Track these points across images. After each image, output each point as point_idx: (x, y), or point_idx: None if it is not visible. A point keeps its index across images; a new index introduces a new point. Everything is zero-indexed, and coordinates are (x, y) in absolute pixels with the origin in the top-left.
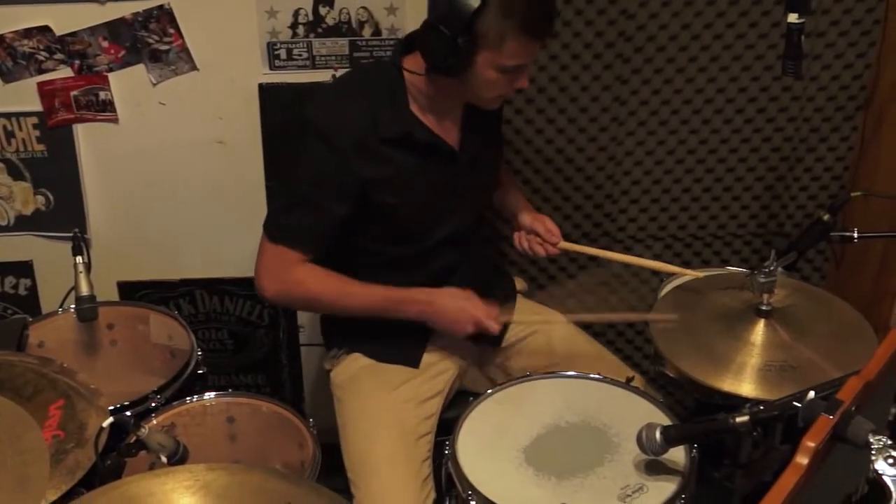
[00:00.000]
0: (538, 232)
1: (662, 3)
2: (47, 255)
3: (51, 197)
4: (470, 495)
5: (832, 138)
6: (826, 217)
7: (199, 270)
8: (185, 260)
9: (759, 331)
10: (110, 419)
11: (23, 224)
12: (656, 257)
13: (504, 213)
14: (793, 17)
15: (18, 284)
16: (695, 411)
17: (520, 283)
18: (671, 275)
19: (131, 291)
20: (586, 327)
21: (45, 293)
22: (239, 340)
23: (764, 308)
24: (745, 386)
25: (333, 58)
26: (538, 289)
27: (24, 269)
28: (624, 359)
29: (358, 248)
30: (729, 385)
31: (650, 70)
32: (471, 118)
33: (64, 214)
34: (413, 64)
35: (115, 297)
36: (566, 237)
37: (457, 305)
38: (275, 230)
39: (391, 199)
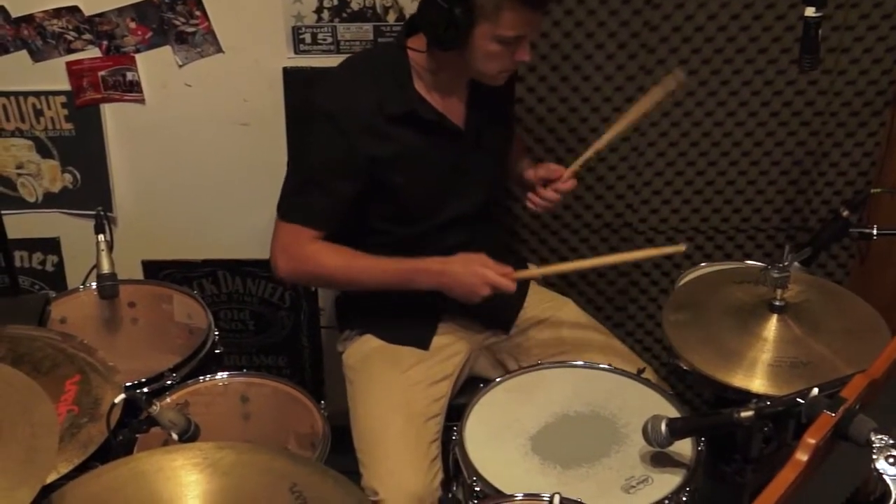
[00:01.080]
0: (541, 174)
1: None
2: (74, 232)
3: (78, 175)
4: (475, 481)
5: (859, 133)
6: (845, 213)
7: (222, 251)
8: (209, 240)
9: (772, 326)
10: (122, 396)
11: (50, 201)
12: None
13: (518, 187)
14: (810, 11)
15: (46, 261)
16: (714, 404)
17: (533, 268)
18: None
19: (155, 270)
20: (607, 317)
21: (71, 270)
22: (260, 321)
23: (777, 303)
24: (756, 381)
25: (358, 43)
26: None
27: (51, 245)
28: (642, 350)
29: (368, 229)
30: (740, 380)
31: (675, 60)
32: (477, 97)
33: (90, 193)
34: (417, 43)
35: (139, 275)
36: (587, 227)
37: (469, 269)
38: (287, 209)
39: (398, 178)
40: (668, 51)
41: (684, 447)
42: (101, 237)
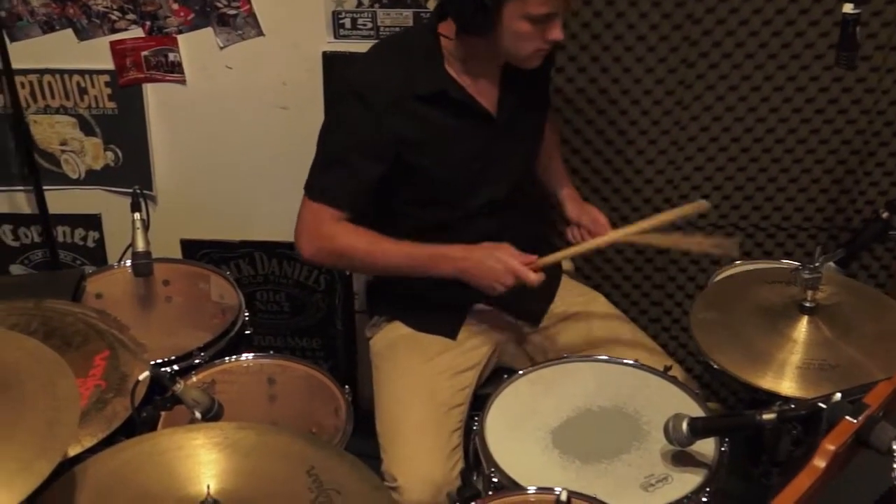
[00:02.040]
0: (585, 224)
1: None
2: (115, 209)
3: (119, 153)
4: (493, 472)
5: None
6: (885, 214)
7: (259, 233)
8: (247, 222)
9: (802, 328)
10: (146, 373)
11: (92, 178)
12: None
13: (546, 188)
14: (848, 7)
15: (87, 237)
16: (750, 404)
17: (567, 263)
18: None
19: (193, 249)
20: (643, 312)
21: (111, 246)
22: (295, 304)
23: (808, 304)
24: (785, 384)
25: (397, 29)
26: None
27: (92, 221)
28: (677, 347)
29: (395, 212)
30: (769, 382)
31: (718, 54)
32: (511, 82)
33: (131, 171)
34: (447, 29)
35: (178, 254)
36: (624, 221)
37: (493, 257)
38: (312, 188)
39: (425, 160)
40: (711, 44)
41: (707, 447)
42: (136, 215)
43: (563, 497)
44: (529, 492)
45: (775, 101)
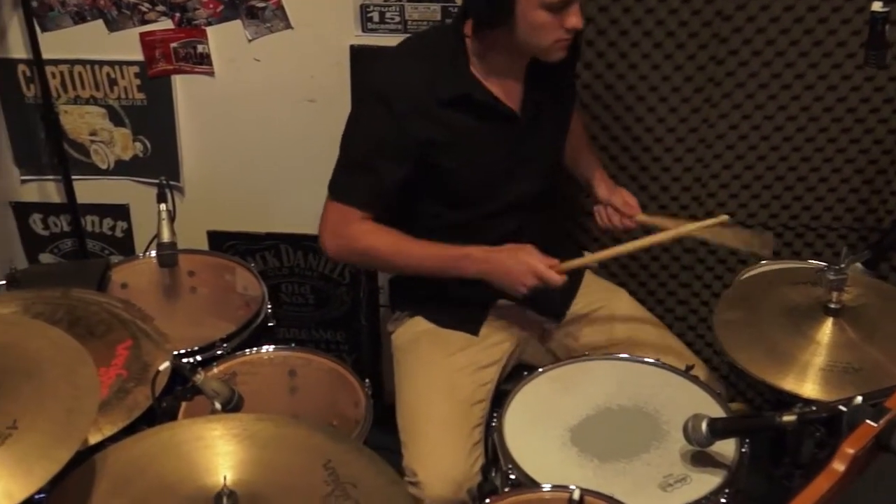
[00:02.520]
0: (615, 204)
1: None
2: (143, 200)
3: (148, 144)
4: (510, 469)
5: None
6: None
7: (285, 225)
8: (273, 214)
9: (827, 329)
10: (167, 363)
11: (121, 169)
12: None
13: (577, 178)
14: (877, 6)
15: (115, 226)
16: (775, 406)
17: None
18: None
19: (220, 241)
20: (668, 310)
21: (139, 236)
22: (320, 296)
23: (833, 306)
24: (808, 386)
25: (425, 23)
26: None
27: (121, 212)
28: (704, 346)
29: (419, 212)
30: (791, 384)
31: (748, 52)
32: (536, 80)
33: (159, 162)
34: (470, 28)
35: (204, 245)
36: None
37: (515, 258)
38: (335, 188)
39: (449, 163)
40: (741, 42)
41: (727, 448)
42: (162, 206)
43: (576, 496)
44: (545, 489)
45: (806, 99)
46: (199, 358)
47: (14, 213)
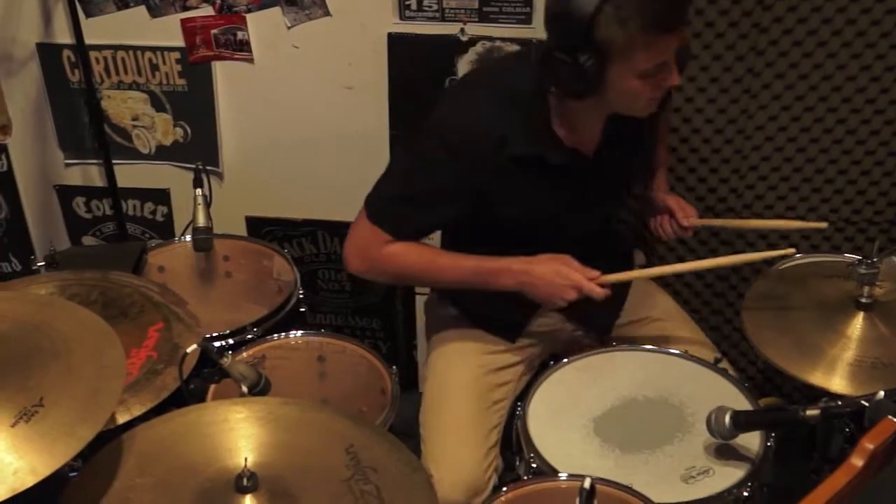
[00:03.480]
0: (671, 209)
1: None
2: (183, 184)
3: (188, 129)
4: (532, 457)
5: None
6: None
7: (322, 212)
8: (310, 200)
9: (857, 324)
10: (194, 346)
11: (162, 154)
12: (783, 238)
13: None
14: None
15: (156, 211)
16: (810, 401)
17: (639, 258)
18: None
19: (258, 227)
20: (705, 303)
21: (179, 221)
22: (356, 284)
23: (864, 300)
24: (836, 380)
25: (463, 11)
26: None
27: (161, 196)
28: (741, 340)
29: (466, 246)
30: (819, 378)
31: (789, 42)
32: (615, 127)
33: (199, 147)
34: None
35: (243, 231)
36: None
37: (555, 271)
38: (378, 213)
39: (509, 211)
40: (782, 32)
41: (752, 441)
42: (198, 191)
43: (587, 484)
44: (561, 478)
45: (847, 90)
46: (231, 341)
47: (58, 196)
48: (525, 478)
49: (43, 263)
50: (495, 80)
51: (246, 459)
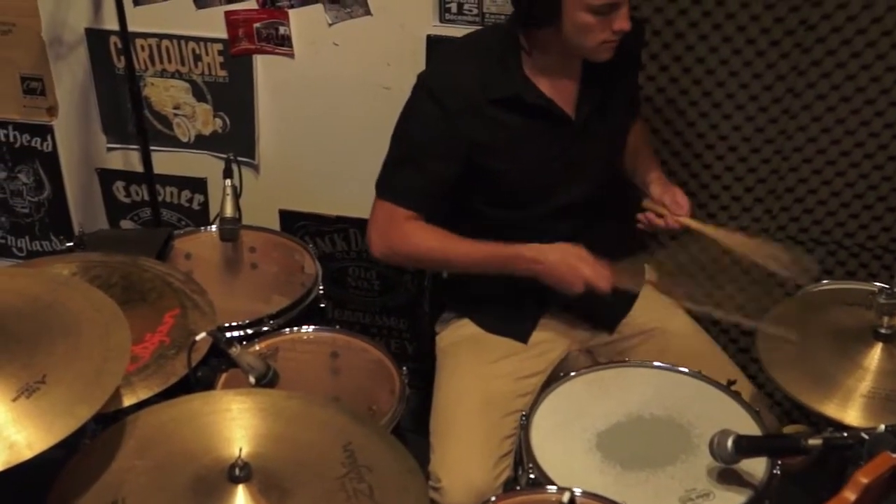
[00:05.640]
0: (665, 202)
1: None
2: (220, 174)
3: (227, 121)
4: (531, 468)
5: None
6: None
7: (355, 209)
8: (343, 197)
9: (875, 355)
10: (204, 334)
11: (201, 143)
12: (818, 263)
13: (635, 179)
14: None
15: (193, 199)
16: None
17: (650, 273)
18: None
19: (291, 221)
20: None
21: (214, 210)
22: (385, 283)
23: (883, 331)
24: (851, 413)
25: (502, 16)
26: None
27: (199, 185)
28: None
29: (469, 211)
30: (833, 410)
31: (831, 63)
32: (591, 82)
33: (237, 139)
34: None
35: (276, 224)
36: (721, 228)
37: (566, 262)
38: (383, 185)
39: (498, 164)
40: (824, 52)
41: (756, 467)
42: (228, 182)
43: (565, 499)
44: (549, 491)
45: (890, 115)
46: (249, 331)
47: (99, 179)
48: (517, 488)
49: (71, 244)
50: (473, 40)
51: (240, 450)
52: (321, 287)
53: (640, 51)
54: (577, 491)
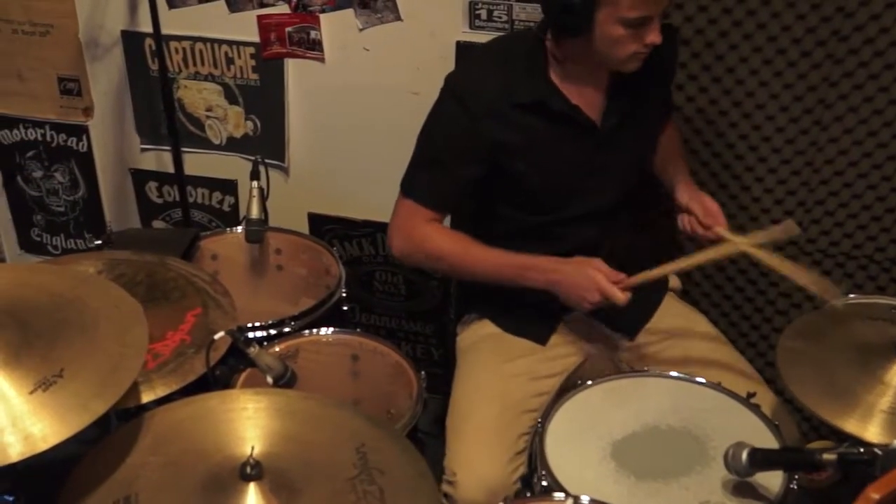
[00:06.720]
0: (694, 211)
1: (887, 3)
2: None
3: (258, 124)
4: (544, 475)
5: None
6: None
7: (382, 214)
8: (372, 202)
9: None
10: (222, 333)
11: (232, 145)
12: (847, 276)
13: (664, 184)
14: None
15: (224, 201)
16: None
17: (674, 280)
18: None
19: (319, 224)
20: (754, 327)
21: (245, 212)
22: (412, 288)
23: None
24: (871, 429)
25: (532, 24)
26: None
27: (229, 186)
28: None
29: (495, 215)
30: (853, 426)
31: (863, 75)
32: (619, 90)
33: (267, 141)
34: (550, 35)
35: (305, 226)
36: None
37: (581, 272)
38: (406, 185)
39: (522, 167)
40: (857, 64)
41: (773, 481)
42: (254, 184)
43: None
44: (557, 498)
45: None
46: (271, 332)
47: (133, 179)
48: (527, 494)
49: (100, 242)
50: (500, 44)
51: (252, 448)
52: (344, 290)
53: (673, 61)
54: (585, 499)
